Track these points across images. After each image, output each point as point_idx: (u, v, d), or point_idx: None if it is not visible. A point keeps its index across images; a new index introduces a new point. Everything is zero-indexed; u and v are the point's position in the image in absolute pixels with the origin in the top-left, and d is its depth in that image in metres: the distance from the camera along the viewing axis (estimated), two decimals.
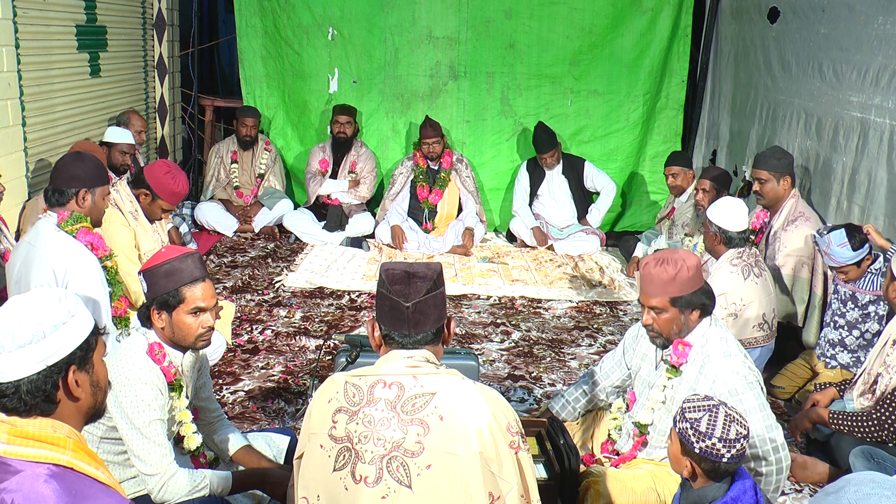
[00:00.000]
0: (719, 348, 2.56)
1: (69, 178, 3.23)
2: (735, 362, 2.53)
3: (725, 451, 2.04)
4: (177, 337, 2.39)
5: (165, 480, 2.26)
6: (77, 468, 1.44)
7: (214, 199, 6.61)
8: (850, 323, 3.69)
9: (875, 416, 2.99)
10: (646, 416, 2.70)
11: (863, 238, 3.56)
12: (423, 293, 1.88)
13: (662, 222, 5.77)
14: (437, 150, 6.36)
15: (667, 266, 2.56)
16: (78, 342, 1.52)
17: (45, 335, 1.47)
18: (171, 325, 2.37)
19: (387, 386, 1.84)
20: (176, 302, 2.34)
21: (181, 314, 2.35)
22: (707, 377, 2.53)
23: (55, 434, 1.46)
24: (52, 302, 1.51)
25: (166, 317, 2.36)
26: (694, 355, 2.59)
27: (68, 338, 1.50)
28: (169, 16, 6.93)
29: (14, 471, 1.39)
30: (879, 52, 4.18)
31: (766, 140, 5.52)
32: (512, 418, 1.87)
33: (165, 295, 2.34)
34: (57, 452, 1.43)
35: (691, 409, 2.11)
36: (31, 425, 1.45)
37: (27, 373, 1.45)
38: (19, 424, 1.45)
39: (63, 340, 1.49)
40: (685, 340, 2.62)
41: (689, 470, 2.12)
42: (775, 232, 4.35)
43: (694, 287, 2.57)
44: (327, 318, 4.79)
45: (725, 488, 2.09)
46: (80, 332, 1.52)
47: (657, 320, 2.62)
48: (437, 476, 1.76)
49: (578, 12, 6.79)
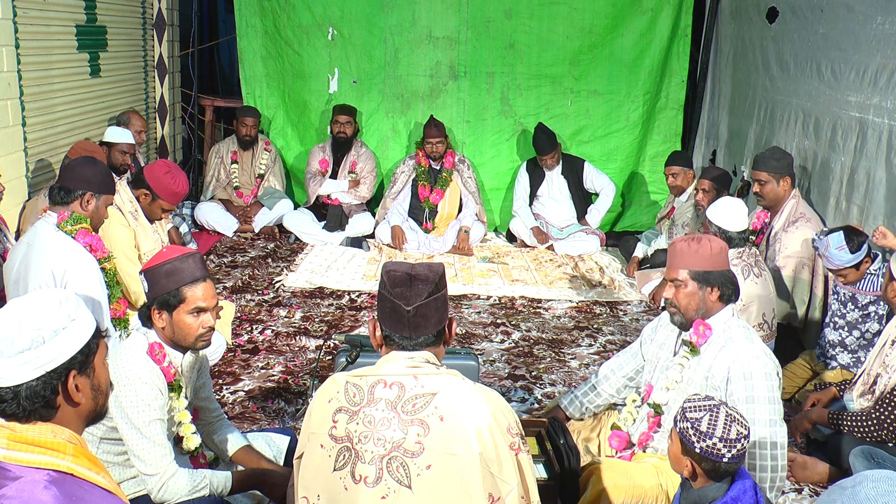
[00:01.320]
0: (742, 333, 2.61)
1: (79, 178, 3.24)
2: (758, 348, 2.56)
3: (726, 451, 2.04)
4: (177, 337, 2.39)
5: (165, 480, 2.27)
6: (77, 473, 1.42)
7: (214, 199, 6.61)
8: (851, 324, 3.69)
9: (874, 415, 2.99)
10: (661, 395, 2.73)
11: (861, 240, 3.57)
12: (425, 297, 1.88)
13: (662, 222, 5.78)
14: (441, 149, 6.37)
15: (692, 242, 2.67)
16: (78, 347, 1.49)
17: (45, 341, 1.45)
18: (171, 325, 2.37)
19: (387, 386, 1.85)
20: (176, 302, 2.35)
21: (182, 314, 2.36)
22: (727, 357, 2.55)
23: (55, 439, 1.44)
24: (53, 305, 1.49)
25: (167, 316, 2.37)
26: (714, 338, 2.63)
27: (68, 343, 1.48)
28: (169, 16, 6.94)
29: (13, 476, 1.37)
30: (878, 52, 4.18)
31: (764, 140, 5.53)
32: (512, 419, 1.87)
33: (166, 295, 2.34)
34: (56, 458, 1.42)
35: (692, 409, 2.11)
36: (30, 431, 1.44)
37: (26, 378, 1.43)
38: (18, 430, 1.43)
39: (63, 346, 1.47)
40: (706, 322, 2.65)
41: (689, 469, 2.12)
42: (776, 233, 4.35)
43: (715, 266, 2.64)
44: (327, 318, 4.79)
45: (725, 488, 2.10)
46: (80, 336, 1.50)
47: (677, 294, 2.67)
48: (437, 476, 1.76)
49: (578, 12, 6.79)
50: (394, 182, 6.57)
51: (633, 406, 2.89)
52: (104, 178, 3.33)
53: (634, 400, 2.91)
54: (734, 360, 2.53)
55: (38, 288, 3.03)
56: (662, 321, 2.93)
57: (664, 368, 2.79)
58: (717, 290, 2.64)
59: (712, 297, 2.64)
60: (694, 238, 2.69)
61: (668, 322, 2.82)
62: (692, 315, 2.67)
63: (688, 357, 2.67)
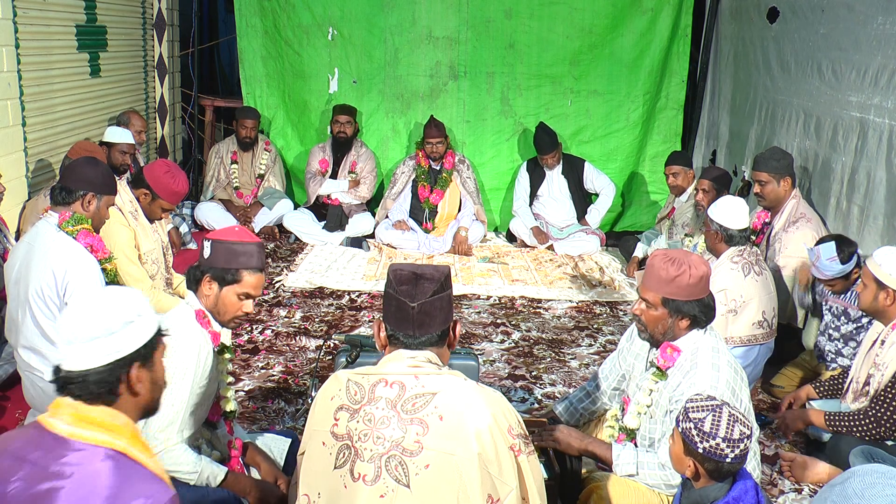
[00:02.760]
0: (709, 359, 2.48)
1: (81, 179, 3.23)
2: (720, 378, 2.42)
3: (729, 451, 2.03)
4: (217, 310, 2.45)
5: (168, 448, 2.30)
6: (130, 454, 1.56)
7: (214, 199, 6.61)
8: (845, 336, 3.69)
9: (871, 413, 2.99)
10: (633, 420, 2.65)
11: (851, 251, 3.56)
12: (430, 294, 1.89)
13: (662, 222, 5.78)
14: (441, 150, 6.38)
15: (671, 265, 2.49)
16: (144, 340, 1.63)
17: (115, 331, 1.58)
18: (216, 298, 2.43)
19: (388, 385, 1.85)
20: (232, 280, 2.42)
21: (230, 293, 2.43)
22: (690, 385, 2.44)
23: (114, 422, 1.58)
24: (123, 300, 1.63)
25: (216, 288, 2.43)
26: (682, 361, 2.52)
27: (135, 335, 1.61)
28: (169, 16, 6.94)
29: (75, 449, 1.52)
30: (878, 52, 4.18)
31: (765, 140, 5.52)
32: (514, 421, 1.87)
33: (225, 270, 2.41)
34: (115, 438, 1.56)
35: (695, 409, 2.10)
36: (93, 412, 1.57)
37: (95, 364, 1.57)
38: (82, 409, 1.57)
39: (131, 337, 1.60)
40: (675, 345, 2.55)
41: (692, 470, 2.11)
42: (776, 233, 4.35)
43: (691, 296, 2.48)
44: (327, 318, 4.79)
45: (727, 488, 2.09)
46: (146, 330, 1.63)
47: (645, 313, 2.56)
48: (436, 476, 1.76)
49: (578, 12, 6.79)
50: (394, 182, 6.57)
51: (613, 419, 2.83)
52: (106, 178, 3.33)
53: (615, 414, 2.85)
54: (691, 387, 2.41)
55: (38, 288, 3.03)
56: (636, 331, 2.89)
57: (638, 387, 2.69)
58: (686, 320, 2.51)
59: (681, 324, 2.52)
60: (674, 262, 2.50)
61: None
62: (658, 337, 2.56)
63: (656, 380, 2.57)
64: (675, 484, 2.41)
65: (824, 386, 3.46)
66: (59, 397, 1.60)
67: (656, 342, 2.59)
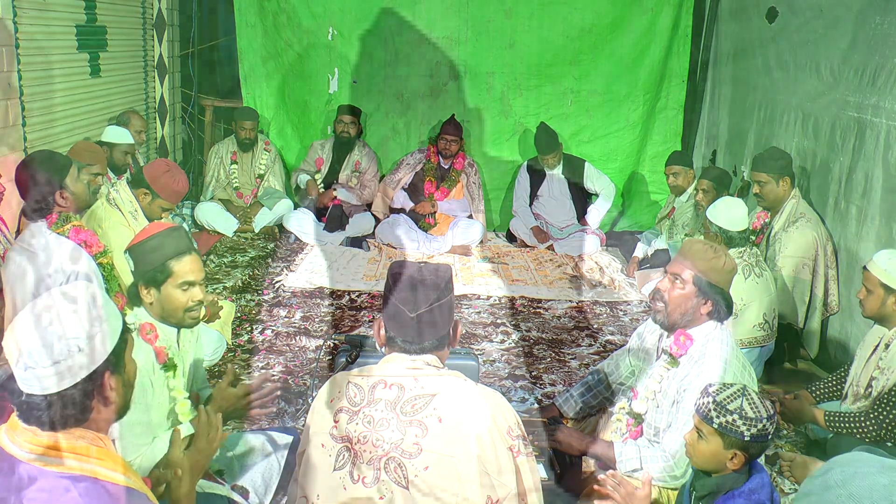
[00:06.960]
0: (718, 351, 2.53)
1: (35, 188, 3.18)
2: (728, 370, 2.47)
3: (770, 427, 2.06)
4: (166, 313, 2.36)
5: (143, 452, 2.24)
6: (100, 476, 1.43)
7: (214, 199, 6.61)
8: None
9: (872, 415, 2.99)
10: (640, 405, 2.67)
11: None
12: (430, 303, 1.87)
13: (663, 222, 5.78)
14: (454, 149, 6.43)
15: (710, 249, 2.60)
16: (111, 347, 1.48)
17: (80, 348, 1.43)
18: (159, 301, 2.35)
19: (388, 387, 1.85)
20: (164, 277, 2.33)
21: (170, 289, 2.33)
22: (697, 374, 2.50)
23: (77, 443, 1.45)
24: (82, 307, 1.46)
25: (154, 292, 2.34)
26: (693, 350, 2.57)
27: (102, 345, 1.46)
28: (169, 16, 6.93)
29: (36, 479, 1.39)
30: (877, 52, 4.18)
31: (764, 140, 5.52)
32: (513, 421, 1.87)
33: (152, 270, 2.32)
34: (80, 462, 1.43)
35: (728, 400, 2.08)
36: (55, 437, 1.43)
37: (62, 387, 1.41)
38: (41, 435, 1.43)
39: (97, 350, 1.45)
40: (689, 333, 2.59)
41: (739, 461, 2.09)
42: (776, 233, 4.35)
43: (720, 282, 2.58)
44: (327, 318, 4.79)
45: (744, 479, 2.10)
46: (112, 336, 1.48)
47: (671, 289, 2.59)
48: (435, 478, 1.76)
49: (578, 12, 6.79)
50: (397, 168, 6.62)
51: (621, 411, 2.84)
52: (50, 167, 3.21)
53: (623, 406, 2.85)
54: (699, 377, 2.48)
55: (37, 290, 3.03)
56: (648, 327, 2.90)
57: (648, 376, 2.74)
58: (710, 304, 2.57)
59: (703, 309, 2.57)
60: (713, 247, 2.61)
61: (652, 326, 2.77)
62: (676, 318, 2.59)
63: (668, 367, 2.61)
64: (679, 475, 2.43)
65: (821, 389, 3.46)
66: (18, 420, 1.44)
67: (672, 326, 2.61)
